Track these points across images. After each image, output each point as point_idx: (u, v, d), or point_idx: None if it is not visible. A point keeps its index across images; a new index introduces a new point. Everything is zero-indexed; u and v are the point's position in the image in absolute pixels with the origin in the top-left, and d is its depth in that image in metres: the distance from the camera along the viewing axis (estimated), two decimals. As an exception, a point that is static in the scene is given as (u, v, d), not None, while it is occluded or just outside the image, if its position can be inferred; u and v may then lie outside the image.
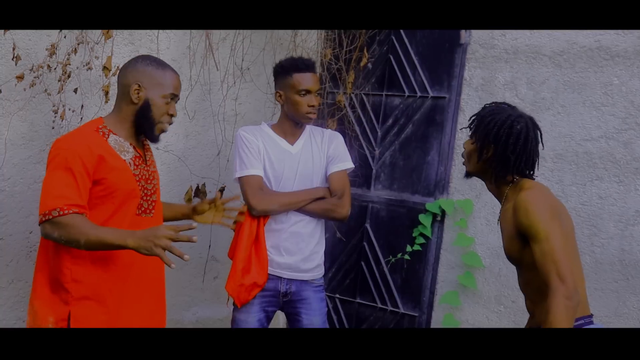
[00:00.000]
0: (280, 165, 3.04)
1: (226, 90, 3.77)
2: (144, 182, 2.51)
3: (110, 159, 2.41)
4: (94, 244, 2.27)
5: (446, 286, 3.86)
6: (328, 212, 3.08)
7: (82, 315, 2.38)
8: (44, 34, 2.96)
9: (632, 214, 3.34)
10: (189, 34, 3.56)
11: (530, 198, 2.30)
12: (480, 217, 3.77)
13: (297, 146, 3.10)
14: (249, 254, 2.99)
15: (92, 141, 2.40)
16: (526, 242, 2.32)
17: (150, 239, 2.19)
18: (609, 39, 3.44)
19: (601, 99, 3.46)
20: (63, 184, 2.30)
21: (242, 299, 2.99)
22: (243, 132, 3.08)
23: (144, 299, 2.55)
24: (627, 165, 3.37)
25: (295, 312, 3.09)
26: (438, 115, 3.93)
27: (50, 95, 3.00)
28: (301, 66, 3.04)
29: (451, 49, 3.91)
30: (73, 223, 2.26)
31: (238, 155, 3.04)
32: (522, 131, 2.39)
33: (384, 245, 4.09)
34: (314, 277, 3.12)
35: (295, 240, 3.05)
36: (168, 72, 2.54)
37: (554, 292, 2.16)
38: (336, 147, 3.16)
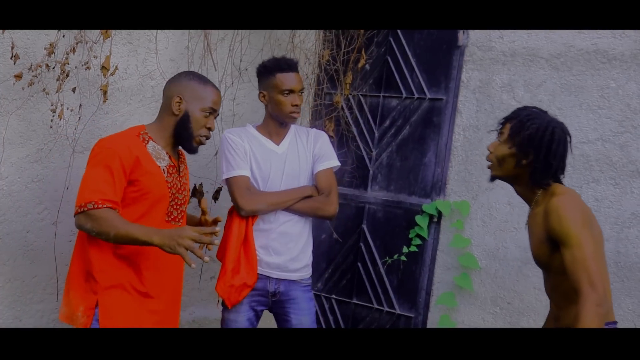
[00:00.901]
0: (267, 166, 3.06)
1: (224, 90, 3.77)
2: (174, 191, 2.65)
3: (146, 162, 2.55)
4: (122, 238, 2.41)
5: (442, 287, 3.87)
6: (316, 210, 3.10)
7: (109, 304, 2.52)
8: (43, 33, 2.96)
9: (627, 217, 3.36)
10: (188, 34, 3.56)
11: (563, 204, 2.30)
12: (477, 219, 3.78)
13: (283, 146, 3.13)
14: (238, 254, 3.01)
15: (132, 144, 2.55)
16: (556, 247, 2.32)
17: (174, 238, 2.32)
18: (606, 42, 3.45)
19: (598, 101, 3.47)
20: (101, 179, 2.45)
21: (233, 299, 3.01)
22: (228, 134, 3.11)
23: (167, 293, 2.67)
24: (623, 168, 3.39)
25: (284, 312, 3.11)
26: (435, 117, 3.94)
27: (48, 95, 3.00)
28: (284, 66, 3.07)
29: (449, 50, 3.92)
30: (106, 216, 2.41)
31: (224, 157, 3.07)
32: (561, 137, 2.41)
33: (380, 246, 4.10)
34: (302, 277, 3.14)
35: (284, 240, 3.06)
36: (209, 88, 2.68)
37: (584, 298, 2.16)
38: (321, 145, 3.19)
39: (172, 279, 2.70)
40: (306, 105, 4.29)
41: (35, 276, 3.07)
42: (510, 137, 2.44)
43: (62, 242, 3.11)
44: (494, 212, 3.73)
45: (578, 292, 2.19)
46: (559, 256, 2.32)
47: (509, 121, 2.48)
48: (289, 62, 3.10)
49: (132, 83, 3.34)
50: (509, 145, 2.44)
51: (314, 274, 4.28)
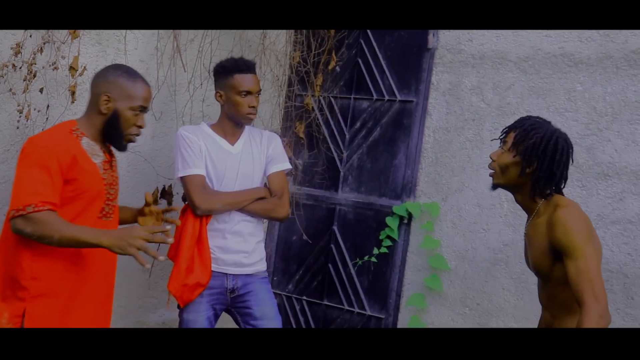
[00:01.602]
0: (222, 165, 3.07)
1: (193, 91, 3.75)
2: (108, 187, 2.57)
3: (83, 160, 2.46)
4: (67, 241, 2.31)
5: (412, 288, 3.89)
6: (269, 211, 3.14)
7: (36, 313, 2.41)
8: (9, 32, 2.92)
9: (594, 218, 3.40)
10: (157, 35, 3.54)
11: (569, 216, 2.31)
12: (447, 220, 3.81)
13: (238, 146, 3.14)
14: (192, 253, 3.01)
15: (68, 141, 2.46)
16: (557, 257, 2.34)
17: (125, 239, 2.25)
18: (573, 45, 3.51)
19: (565, 104, 3.52)
20: (38, 181, 2.34)
21: (185, 298, 3.00)
22: (184, 131, 3.10)
23: (95, 298, 2.59)
24: (589, 170, 3.44)
25: (245, 305, 3.11)
26: (405, 119, 3.97)
27: (15, 95, 2.95)
28: (243, 67, 3.07)
29: (419, 53, 3.95)
30: (47, 219, 2.31)
31: (180, 154, 3.06)
32: (564, 147, 2.42)
33: (351, 247, 4.11)
34: (257, 270, 3.17)
35: (238, 239, 3.09)
36: (139, 84, 2.57)
37: (588, 310, 2.17)
38: (275, 147, 3.22)
39: (105, 282, 2.63)
40: (277, 107, 4.28)
41: (1, 279, 3.02)
42: (514, 145, 2.44)
43: (28, 245, 3.06)
44: (463, 213, 3.76)
45: (581, 304, 2.20)
46: (560, 267, 2.33)
47: (512, 130, 2.49)
48: (248, 64, 3.10)
49: (100, 84, 3.30)
50: (513, 153, 2.44)
51: (285, 275, 4.28)
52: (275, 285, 4.33)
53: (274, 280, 4.33)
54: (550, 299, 2.47)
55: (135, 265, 3.43)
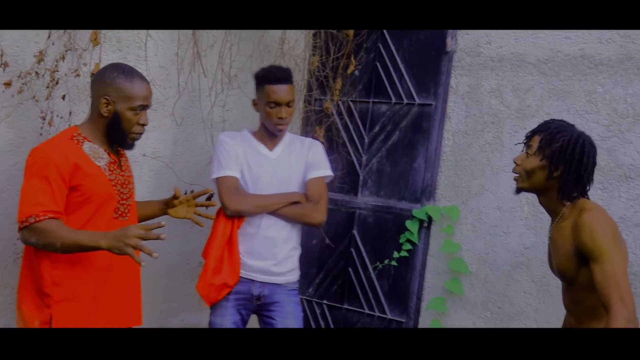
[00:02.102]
0: (258, 169, 3.08)
1: (214, 97, 3.78)
2: (119, 187, 2.60)
3: (85, 165, 2.49)
4: (69, 247, 2.36)
5: (433, 292, 3.89)
6: (303, 216, 3.10)
7: (62, 317, 2.48)
8: (32, 41, 2.96)
9: (616, 221, 3.34)
10: (177, 41, 3.57)
11: (596, 219, 2.30)
12: (467, 224, 3.80)
13: (276, 152, 3.15)
14: (222, 254, 3.03)
15: (67, 149, 2.49)
16: (583, 261, 2.33)
17: (120, 239, 2.27)
18: (593, 47, 3.48)
19: (585, 106, 3.50)
20: (39, 191, 2.40)
21: (212, 298, 3.03)
22: (223, 136, 3.14)
23: (121, 300, 2.63)
24: (610, 173, 3.41)
25: (269, 315, 3.11)
26: (424, 122, 3.96)
27: (38, 102, 3.00)
28: (272, 78, 3.06)
29: (437, 56, 3.94)
30: (49, 228, 2.36)
31: (216, 157, 3.10)
32: (591, 149, 2.42)
33: (371, 251, 4.11)
34: (287, 280, 3.14)
35: (268, 245, 3.07)
36: (136, 83, 2.57)
37: (615, 315, 2.16)
38: (315, 154, 3.20)
39: (129, 284, 2.67)
40: (296, 111, 4.30)
41: (26, 284, 3.06)
42: (541, 149, 2.43)
43: (52, 250, 3.10)
44: (483, 216, 3.75)
45: (608, 309, 2.19)
46: (586, 271, 2.32)
47: (537, 133, 2.47)
48: (279, 74, 3.08)
49: (121, 90, 3.34)
50: (540, 157, 2.43)
51: (305, 279, 4.29)
52: (295, 289, 4.34)
53: (295, 284, 4.34)
54: (575, 304, 2.45)
55: (155, 269, 3.46)
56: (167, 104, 3.57)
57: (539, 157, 2.43)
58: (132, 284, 2.70)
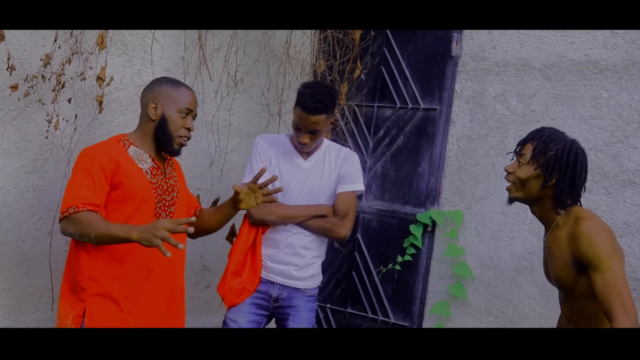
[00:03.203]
0: (289, 178, 3.04)
1: (220, 100, 3.79)
2: (160, 192, 2.68)
3: (128, 165, 2.61)
4: (102, 237, 2.45)
5: (436, 296, 3.89)
6: (327, 231, 3.07)
7: (95, 312, 2.56)
8: (39, 44, 2.98)
9: (620, 226, 3.38)
10: (183, 45, 3.58)
11: (593, 228, 2.29)
12: (471, 228, 3.80)
13: (310, 161, 3.10)
14: (244, 258, 3.03)
15: (113, 150, 2.62)
16: (582, 270, 2.32)
17: (150, 231, 2.33)
18: (598, 52, 3.49)
19: (590, 112, 3.50)
20: (81, 184, 2.52)
21: (231, 301, 3.03)
22: (260, 139, 3.12)
23: (159, 303, 2.68)
24: (615, 178, 3.41)
25: (283, 317, 3.11)
26: (429, 127, 3.97)
27: (44, 105, 3.01)
28: (303, 105, 2.93)
29: (442, 61, 3.95)
30: (86, 219, 2.46)
31: (250, 161, 3.09)
32: (583, 157, 2.41)
33: (375, 255, 4.11)
34: (307, 286, 3.12)
35: (290, 252, 3.05)
36: (182, 89, 2.73)
37: (618, 323, 2.15)
38: (349, 167, 3.12)
39: (172, 287, 2.72)
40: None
41: (31, 286, 3.08)
42: (534, 158, 2.40)
43: (57, 252, 3.12)
44: (487, 221, 3.75)
45: (610, 317, 2.18)
46: (585, 280, 2.31)
47: (529, 142, 2.44)
48: (308, 104, 2.91)
49: (127, 93, 3.36)
50: (534, 166, 2.40)
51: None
52: (299, 293, 4.35)
53: (299, 288, 4.35)
54: (574, 313, 2.44)
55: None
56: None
57: (533, 166, 2.40)
58: (173, 288, 2.74)
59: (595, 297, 2.28)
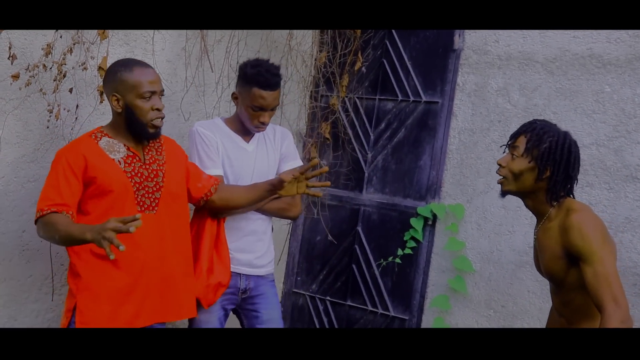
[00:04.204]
0: (238, 163, 3.03)
1: (220, 91, 3.78)
2: (140, 179, 2.61)
3: (97, 158, 2.55)
4: (65, 239, 2.41)
5: (437, 290, 3.89)
6: (283, 211, 3.12)
7: (84, 307, 2.54)
8: (40, 33, 2.96)
9: (621, 221, 3.38)
10: (185, 36, 3.57)
11: (584, 220, 2.29)
12: (472, 222, 3.80)
13: (252, 144, 3.09)
14: (212, 254, 2.99)
15: (81, 144, 2.58)
16: (572, 262, 2.31)
17: (99, 232, 2.25)
18: (601, 47, 3.48)
19: (593, 106, 3.49)
20: (48, 186, 2.51)
21: (209, 300, 2.96)
22: (200, 127, 3.01)
23: (153, 292, 2.64)
24: (617, 173, 3.41)
25: (254, 307, 3.10)
26: (430, 120, 3.96)
27: (45, 95, 3.00)
28: (263, 83, 2.91)
29: (444, 54, 3.94)
30: (50, 221, 2.43)
31: (197, 153, 2.98)
32: (576, 149, 2.41)
33: (375, 248, 4.11)
34: (268, 272, 3.16)
35: (253, 239, 3.07)
36: (137, 71, 2.58)
37: (610, 315, 2.14)
38: (288, 145, 3.18)
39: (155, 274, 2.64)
40: (302, 107, 4.30)
41: (31, 276, 3.07)
42: (528, 150, 2.40)
43: (57, 242, 3.11)
44: (488, 215, 3.75)
45: (601, 309, 2.17)
46: (575, 272, 2.31)
47: (522, 134, 2.44)
48: (270, 80, 2.92)
49: (128, 84, 3.34)
50: (528, 159, 2.40)
51: (309, 276, 4.30)
52: (299, 285, 4.35)
53: (298, 280, 4.35)
54: (564, 305, 2.44)
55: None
56: (174, 98, 3.57)
57: (527, 158, 2.40)
58: (166, 277, 2.67)
59: (585, 289, 2.28)
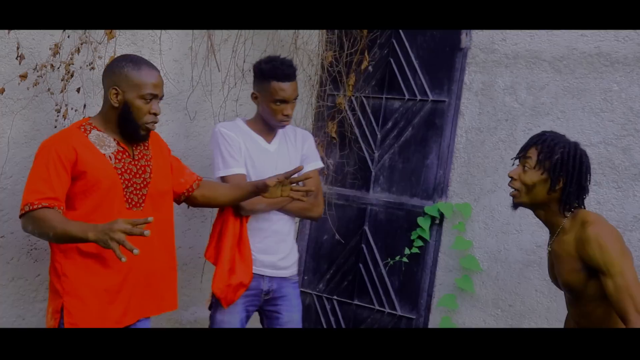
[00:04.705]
0: (261, 164, 3.05)
1: (227, 91, 3.78)
2: (129, 176, 2.55)
3: (88, 152, 2.47)
4: (60, 237, 2.35)
5: (444, 289, 3.88)
6: (305, 211, 3.14)
7: (72, 307, 2.47)
8: (48, 33, 2.97)
9: (630, 220, 3.36)
10: (191, 35, 3.57)
11: (601, 232, 2.28)
12: (479, 221, 3.79)
13: (274, 145, 3.13)
14: (234, 254, 3.00)
15: (72, 137, 2.48)
16: (591, 274, 2.31)
17: (107, 233, 2.22)
18: (609, 45, 3.46)
19: (600, 105, 3.48)
20: (38, 178, 2.41)
21: (229, 299, 2.99)
22: (223, 128, 3.06)
23: (140, 288, 2.60)
24: (625, 171, 3.40)
25: (276, 309, 3.12)
26: (437, 119, 3.95)
27: (53, 95, 3.01)
28: (280, 75, 2.99)
29: (451, 53, 3.93)
30: (43, 217, 2.35)
31: (219, 152, 3.02)
32: (586, 159, 2.41)
33: (382, 247, 4.10)
34: (292, 273, 3.17)
35: (277, 239, 3.09)
36: (144, 71, 2.54)
37: (634, 326, 2.15)
38: (309, 146, 3.21)
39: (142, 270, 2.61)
40: (309, 106, 4.30)
41: (39, 275, 3.07)
42: (540, 162, 2.39)
43: (65, 242, 3.12)
44: (495, 214, 3.74)
45: (625, 321, 2.19)
46: (594, 283, 2.30)
47: (533, 146, 2.43)
48: (287, 72, 3.01)
49: (136, 83, 3.35)
50: (540, 171, 2.39)
51: (316, 275, 4.30)
52: (305, 285, 4.34)
53: (305, 280, 4.35)
54: (583, 316, 2.42)
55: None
56: (180, 97, 3.57)
57: (539, 170, 2.39)
58: (153, 271, 2.64)
59: (605, 300, 2.28)
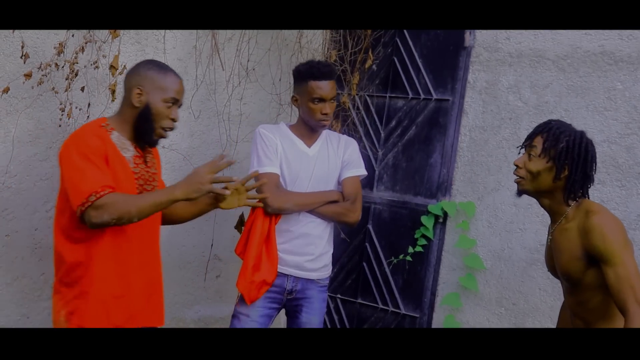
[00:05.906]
0: (297, 166, 3.06)
1: (231, 90, 3.79)
2: (142, 182, 2.56)
3: (112, 152, 2.46)
4: (145, 209, 2.39)
5: (447, 288, 3.88)
6: (340, 215, 3.10)
7: (81, 309, 2.44)
8: (52, 32, 2.98)
9: (633, 218, 3.36)
10: (195, 34, 3.58)
11: (605, 222, 2.29)
12: (482, 220, 3.79)
13: (314, 149, 3.13)
14: (260, 251, 3.00)
15: (99, 134, 2.47)
16: (591, 263, 2.31)
17: (196, 183, 2.40)
18: (613, 43, 3.46)
19: (604, 103, 3.48)
20: (86, 170, 2.35)
21: (252, 296, 3.00)
22: (262, 129, 3.10)
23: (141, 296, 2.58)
24: (629, 170, 3.39)
25: (296, 309, 3.11)
26: (441, 118, 3.95)
27: (57, 94, 3.02)
28: (317, 74, 3.02)
29: (455, 51, 3.93)
30: (115, 200, 2.33)
31: (256, 152, 3.06)
32: (592, 148, 2.41)
33: (385, 246, 4.11)
34: (320, 276, 3.14)
35: (305, 242, 3.06)
36: (170, 76, 2.56)
37: (632, 317, 2.16)
38: (351, 153, 3.19)
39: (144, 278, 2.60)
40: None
41: (43, 274, 3.09)
42: (545, 150, 2.39)
43: (69, 240, 3.12)
44: (499, 213, 3.74)
45: (624, 311, 2.19)
46: (593, 272, 2.31)
47: (539, 134, 2.43)
48: (323, 70, 3.04)
49: (140, 82, 3.35)
50: (545, 159, 2.39)
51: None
52: (309, 283, 4.34)
53: (309, 278, 4.35)
54: (580, 305, 2.43)
55: (170, 261, 3.48)
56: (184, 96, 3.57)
57: (545, 158, 2.39)
58: (152, 281, 2.65)
59: (602, 289, 2.29)
